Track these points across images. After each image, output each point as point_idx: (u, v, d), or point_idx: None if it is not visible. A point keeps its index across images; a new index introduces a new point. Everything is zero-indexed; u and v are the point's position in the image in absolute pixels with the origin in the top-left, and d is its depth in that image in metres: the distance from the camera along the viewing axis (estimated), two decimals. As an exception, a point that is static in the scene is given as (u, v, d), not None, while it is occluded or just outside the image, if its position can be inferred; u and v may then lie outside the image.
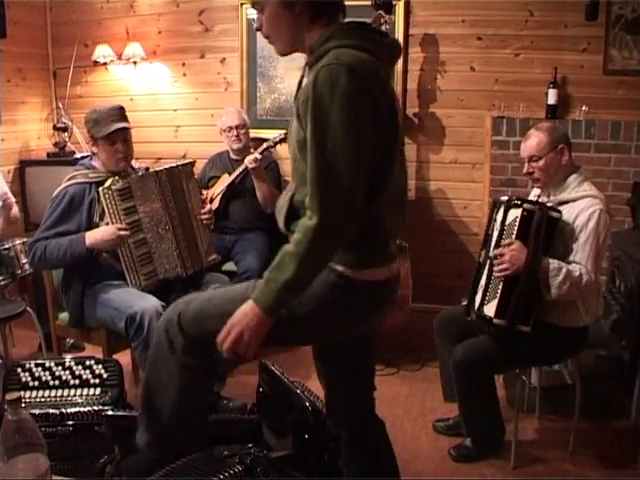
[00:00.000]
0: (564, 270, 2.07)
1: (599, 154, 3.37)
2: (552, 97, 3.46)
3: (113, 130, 2.46)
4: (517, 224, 2.13)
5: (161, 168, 2.62)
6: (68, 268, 2.54)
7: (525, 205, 2.13)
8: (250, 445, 1.49)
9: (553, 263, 2.09)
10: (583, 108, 3.44)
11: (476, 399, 2.33)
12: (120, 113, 2.53)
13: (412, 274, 3.11)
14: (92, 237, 2.40)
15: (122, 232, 2.40)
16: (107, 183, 2.43)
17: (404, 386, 3.00)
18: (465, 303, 2.42)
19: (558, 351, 2.32)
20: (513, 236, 2.15)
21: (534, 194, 2.43)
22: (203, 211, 2.72)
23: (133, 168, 2.65)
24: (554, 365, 2.77)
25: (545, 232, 2.10)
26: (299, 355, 3.38)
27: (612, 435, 2.52)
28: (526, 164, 2.31)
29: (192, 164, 2.76)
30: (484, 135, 3.68)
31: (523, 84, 3.60)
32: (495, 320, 2.15)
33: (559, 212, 2.14)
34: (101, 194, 2.40)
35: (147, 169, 2.63)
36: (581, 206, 2.17)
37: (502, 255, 2.14)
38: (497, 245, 2.23)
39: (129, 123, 2.55)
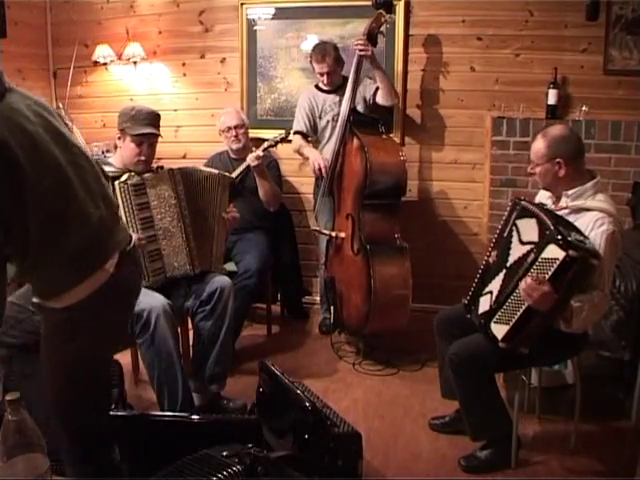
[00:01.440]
0: (587, 306, 2.03)
1: (599, 154, 3.37)
2: (552, 97, 3.46)
3: (145, 133, 2.49)
4: (555, 266, 1.96)
5: (177, 167, 2.66)
6: None
7: (570, 252, 1.92)
8: (250, 445, 1.49)
9: (577, 303, 2.03)
10: (583, 108, 3.44)
11: (474, 397, 2.32)
12: (156, 120, 2.56)
13: (412, 274, 3.12)
14: None
15: (142, 242, 2.43)
16: (123, 177, 2.46)
17: (404, 386, 3.00)
18: (466, 301, 2.40)
19: (555, 353, 2.31)
20: (547, 274, 1.99)
21: (545, 196, 2.40)
22: (231, 210, 2.82)
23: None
24: (554, 365, 2.77)
25: (580, 277, 2.00)
26: (299, 355, 3.39)
27: (612, 435, 2.52)
28: (531, 163, 2.29)
29: (233, 180, 2.96)
30: (484, 135, 3.68)
31: (523, 84, 3.60)
32: (500, 344, 2.11)
33: (597, 257, 2.01)
34: (117, 188, 2.42)
35: (161, 167, 2.64)
36: (594, 220, 2.11)
37: (533, 291, 1.98)
38: (523, 268, 2.07)
39: (160, 132, 2.59)
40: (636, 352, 2.62)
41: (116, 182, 2.43)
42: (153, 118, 2.55)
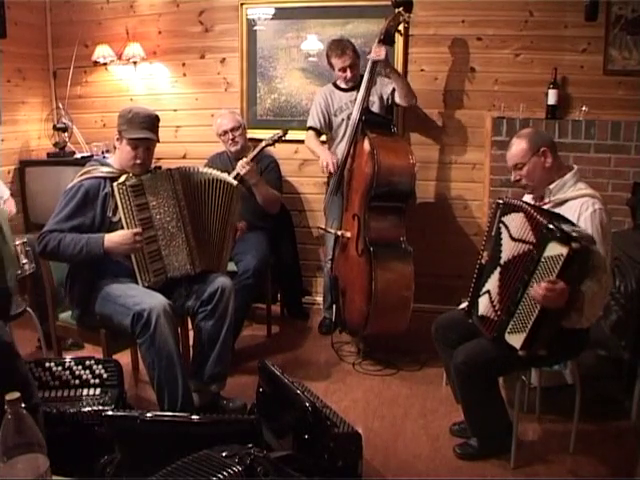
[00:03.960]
0: (595, 289, 2.04)
1: (599, 154, 3.38)
2: (552, 97, 3.47)
3: (140, 137, 2.47)
4: (561, 263, 1.96)
5: (176, 167, 2.64)
6: (76, 263, 2.53)
7: (573, 245, 1.93)
8: (250, 445, 1.48)
9: (586, 289, 2.03)
10: (583, 108, 3.44)
11: (479, 401, 2.33)
12: (154, 123, 2.53)
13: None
14: (110, 240, 2.39)
15: (138, 237, 2.42)
16: (121, 179, 2.45)
17: (404, 387, 3.00)
18: (465, 306, 2.40)
19: (560, 353, 2.30)
20: (554, 273, 1.98)
21: (529, 197, 2.41)
22: (242, 225, 2.88)
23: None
24: (554, 365, 2.77)
25: (585, 266, 2.01)
26: (299, 355, 3.39)
27: (612, 435, 2.52)
28: (513, 173, 2.31)
29: (242, 189, 2.95)
30: (484, 135, 3.68)
31: (523, 84, 3.60)
32: (520, 352, 2.09)
33: (595, 243, 2.05)
34: (115, 189, 2.41)
35: (159, 167, 2.64)
36: (580, 206, 2.16)
37: (550, 291, 1.95)
38: (527, 272, 2.06)
39: (157, 136, 2.55)
40: (636, 352, 2.62)
41: (114, 184, 2.42)
42: (150, 122, 2.52)
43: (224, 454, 1.41)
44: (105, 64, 4.09)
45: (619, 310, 2.85)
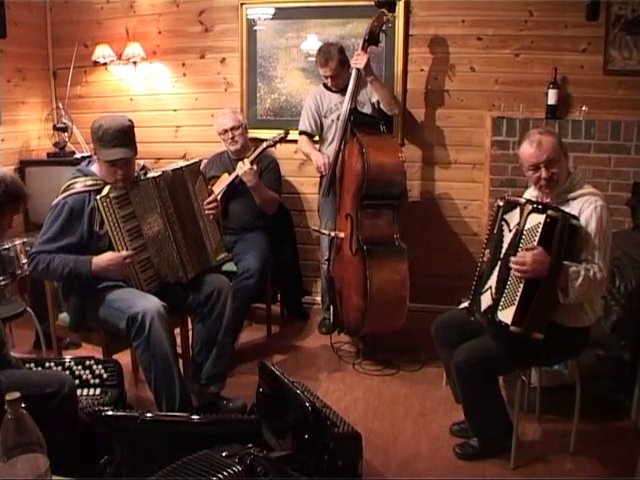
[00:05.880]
0: (582, 272, 2.05)
1: (599, 154, 3.37)
2: (552, 97, 3.47)
3: (113, 159, 2.37)
4: (540, 230, 2.06)
5: (159, 173, 2.55)
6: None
7: (549, 212, 2.04)
8: (250, 445, 1.49)
9: (571, 266, 2.06)
10: (583, 108, 3.44)
11: (480, 400, 2.33)
12: (127, 137, 2.39)
13: (412, 274, 3.11)
14: (97, 265, 2.35)
15: (127, 260, 2.37)
16: (104, 191, 2.36)
17: (404, 386, 3.00)
18: (466, 304, 2.41)
19: (561, 351, 2.31)
20: (535, 242, 2.07)
21: (531, 195, 2.41)
22: (207, 200, 2.68)
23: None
24: (554, 365, 2.77)
25: (567, 239, 2.06)
26: (299, 355, 3.39)
27: (612, 435, 2.52)
28: (543, 170, 2.19)
29: (198, 163, 2.74)
30: (484, 135, 3.68)
31: (523, 84, 3.60)
32: (512, 328, 2.09)
33: (577, 219, 2.10)
34: (99, 203, 2.35)
35: (143, 167, 2.60)
36: (582, 204, 2.17)
37: (524, 258, 2.05)
38: (513, 248, 2.14)
39: (134, 147, 2.43)
40: (636, 352, 2.62)
41: (97, 197, 2.34)
42: (123, 136, 2.37)
43: (224, 454, 1.41)
44: (105, 64, 4.09)
45: (619, 310, 2.85)
